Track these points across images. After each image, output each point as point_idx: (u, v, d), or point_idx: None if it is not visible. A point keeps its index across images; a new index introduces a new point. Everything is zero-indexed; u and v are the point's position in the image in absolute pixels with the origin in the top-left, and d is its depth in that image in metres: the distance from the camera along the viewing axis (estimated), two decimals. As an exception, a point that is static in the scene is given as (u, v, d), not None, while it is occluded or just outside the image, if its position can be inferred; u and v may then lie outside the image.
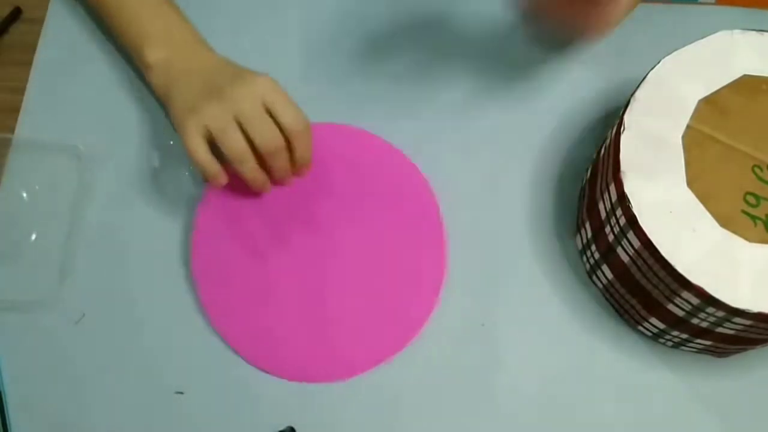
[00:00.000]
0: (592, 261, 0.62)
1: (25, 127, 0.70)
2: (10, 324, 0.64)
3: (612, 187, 0.55)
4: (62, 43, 0.73)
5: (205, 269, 0.63)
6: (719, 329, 0.54)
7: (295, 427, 0.60)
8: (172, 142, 0.69)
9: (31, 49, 0.73)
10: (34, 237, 0.66)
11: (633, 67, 0.68)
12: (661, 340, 0.61)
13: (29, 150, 0.69)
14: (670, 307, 0.55)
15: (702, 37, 0.59)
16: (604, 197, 0.57)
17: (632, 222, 0.53)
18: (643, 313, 0.59)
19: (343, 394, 0.62)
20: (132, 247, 0.66)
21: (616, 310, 0.63)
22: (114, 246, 0.66)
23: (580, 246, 0.64)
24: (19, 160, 0.69)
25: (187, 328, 0.63)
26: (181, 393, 0.62)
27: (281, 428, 0.60)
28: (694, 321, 0.55)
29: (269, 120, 0.58)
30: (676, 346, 0.61)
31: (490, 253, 0.65)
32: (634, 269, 0.56)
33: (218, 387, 0.62)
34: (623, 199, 0.53)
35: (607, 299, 0.63)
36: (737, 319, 0.52)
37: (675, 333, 0.58)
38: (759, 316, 0.50)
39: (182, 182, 0.68)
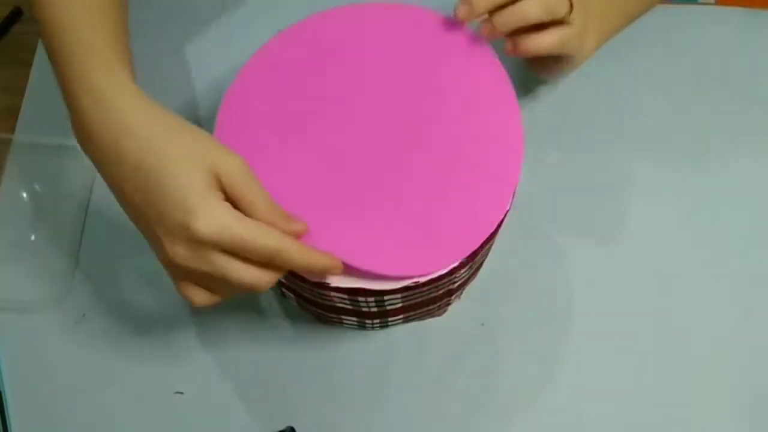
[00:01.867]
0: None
1: (25, 127, 0.70)
2: (10, 324, 0.64)
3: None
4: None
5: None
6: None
7: (295, 427, 0.60)
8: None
9: (31, 49, 0.73)
10: (34, 237, 0.66)
11: (633, 67, 0.69)
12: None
13: (29, 150, 0.69)
14: None
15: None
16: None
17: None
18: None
19: (343, 395, 0.62)
20: (132, 247, 0.66)
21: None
22: (114, 246, 0.66)
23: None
24: (19, 160, 0.69)
25: (188, 328, 0.63)
26: (181, 393, 0.62)
27: (281, 428, 0.60)
28: None
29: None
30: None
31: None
32: None
33: (218, 387, 0.62)
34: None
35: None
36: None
37: None
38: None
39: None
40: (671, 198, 0.67)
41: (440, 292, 0.55)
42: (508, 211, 0.52)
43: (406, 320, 0.61)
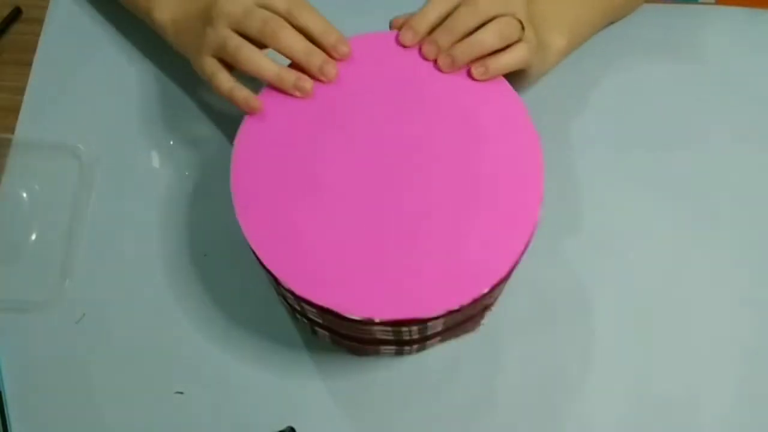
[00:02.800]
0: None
1: (25, 127, 0.70)
2: (10, 324, 0.64)
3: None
4: (62, 43, 0.73)
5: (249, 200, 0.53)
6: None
7: (295, 428, 0.60)
8: (172, 142, 0.69)
9: (32, 49, 0.73)
10: (34, 237, 0.66)
11: (632, 67, 0.69)
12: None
13: (29, 150, 0.69)
14: None
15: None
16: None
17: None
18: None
19: (342, 395, 0.61)
20: (132, 247, 0.66)
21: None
22: (114, 246, 0.66)
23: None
24: (19, 160, 0.69)
25: (187, 328, 0.63)
26: (181, 393, 0.62)
27: (281, 428, 0.60)
28: None
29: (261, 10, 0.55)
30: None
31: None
32: None
33: (218, 387, 0.62)
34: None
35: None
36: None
37: None
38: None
39: (183, 182, 0.68)
40: (670, 197, 0.67)
41: (479, 308, 0.55)
42: (537, 221, 0.52)
43: (442, 340, 0.61)
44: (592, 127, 0.69)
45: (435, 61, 0.56)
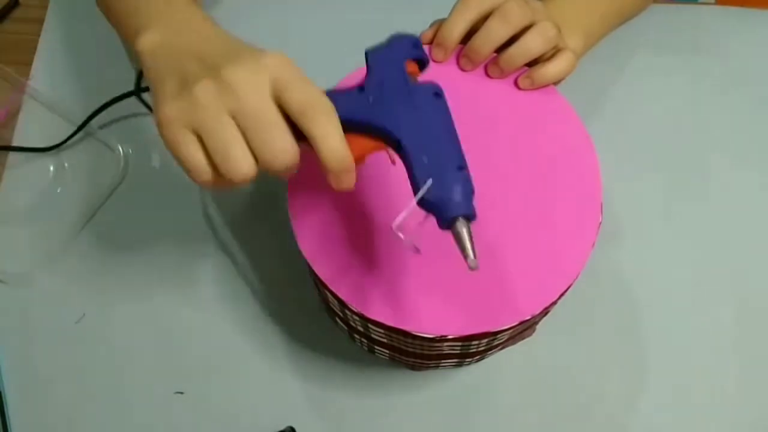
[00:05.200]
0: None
1: (25, 126, 0.70)
2: (10, 324, 0.64)
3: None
4: (61, 43, 0.73)
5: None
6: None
7: (295, 427, 0.60)
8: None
9: (31, 49, 0.73)
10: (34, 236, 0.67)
11: (632, 66, 0.69)
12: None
13: (29, 150, 0.69)
14: None
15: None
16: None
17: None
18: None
19: (341, 395, 0.62)
20: (131, 247, 0.66)
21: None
22: (113, 246, 0.66)
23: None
24: (19, 159, 0.69)
25: (187, 328, 0.63)
26: (181, 393, 0.62)
27: (281, 428, 0.60)
28: None
29: (279, 122, 0.42)
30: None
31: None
32: None
33: (218, 387, 0.62)
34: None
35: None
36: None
37: None
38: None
39: (184, 181, 0.67)
40: (672, 198, 0.67)
41: (540, 316, 0.55)
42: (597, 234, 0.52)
43: (502, 348, 0.61)
44: (592, 125, 0.69)
45: (480, 75, 0.56)
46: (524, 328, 0.56)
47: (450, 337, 0.50)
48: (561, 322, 0.61)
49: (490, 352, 0.59)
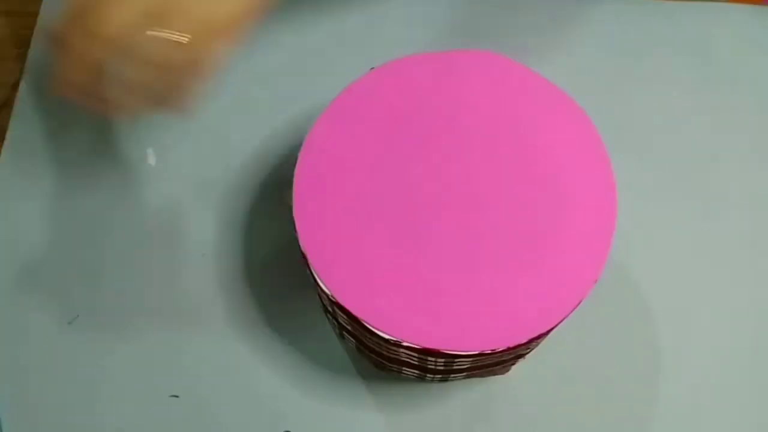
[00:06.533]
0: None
1: (18, 127, 0.70)
2: (3, 325, 0.63)
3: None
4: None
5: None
6: None
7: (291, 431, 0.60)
8: (171, 142, 0.69)
9: (27, 44, 0.72)
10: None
11: (633, 67, 0.68)
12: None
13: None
14: None
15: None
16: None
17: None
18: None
19: (339, 399, 0.61)
20: (128, 247, 0.66)
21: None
22: (111, 246, 0.66)
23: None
24: (16, 157, 0.68)
25: (183, 329, 0.63)
26: (176, 396, 0.61)
27: (277, 433, 0.60)
28: None
29: None
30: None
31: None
32: None
33: (215, 391, 0.61)
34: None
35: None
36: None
37: None
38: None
39: (179, 179, 0.67)
40: (677, 196, 0.67)
41: (512, 356, 0.53)
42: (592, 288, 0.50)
43: (467, 377, 0.60)
44: (597, 123, 0.68)
45: (522, 88, 0.54)
46: (489, 363, 0.54)
47: (404, 344, 0.49)
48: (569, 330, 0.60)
49: (453, 375, 0.58)
